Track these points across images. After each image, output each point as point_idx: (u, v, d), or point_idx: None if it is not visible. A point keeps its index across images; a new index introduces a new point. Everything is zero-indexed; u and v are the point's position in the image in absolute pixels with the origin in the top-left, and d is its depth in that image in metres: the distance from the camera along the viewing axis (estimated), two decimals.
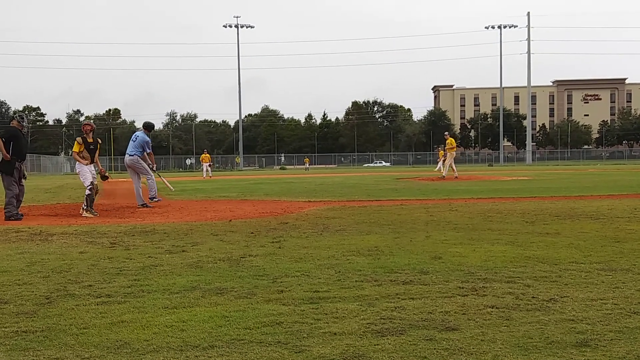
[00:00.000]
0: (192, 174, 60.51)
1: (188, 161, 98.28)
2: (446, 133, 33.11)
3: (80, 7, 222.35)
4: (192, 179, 39.35)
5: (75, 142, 12.51)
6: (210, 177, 42.34)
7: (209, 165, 45.16)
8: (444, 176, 28.67)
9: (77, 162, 12.37)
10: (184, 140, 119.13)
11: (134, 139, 14.75)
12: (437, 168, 44.98)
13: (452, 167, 28.73)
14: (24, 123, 11.82)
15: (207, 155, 45.68)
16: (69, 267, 6.06)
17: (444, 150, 31.33)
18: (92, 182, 12.19)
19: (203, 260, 6.35)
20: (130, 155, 14.59)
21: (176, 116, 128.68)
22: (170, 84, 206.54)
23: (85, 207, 11.98)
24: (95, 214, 11.94)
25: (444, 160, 34.80)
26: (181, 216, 11.54)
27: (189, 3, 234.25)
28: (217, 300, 4.56)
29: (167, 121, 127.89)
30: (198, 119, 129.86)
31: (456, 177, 28.52)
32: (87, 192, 12.13)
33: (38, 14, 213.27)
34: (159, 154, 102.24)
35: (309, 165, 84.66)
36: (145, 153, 14.70)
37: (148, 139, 14.83)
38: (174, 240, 7.99)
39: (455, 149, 29.22)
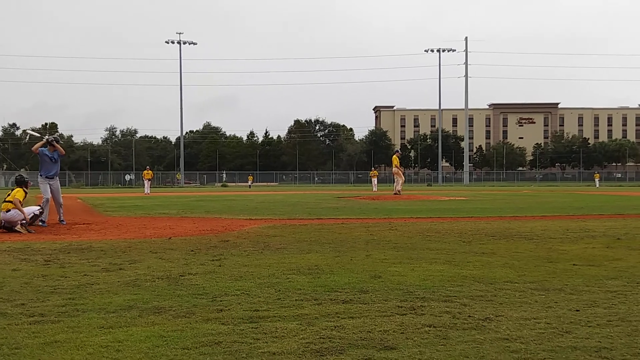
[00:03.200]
0: (131, 190, 59.43)
1: (127, 177, 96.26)
2: (396, 151, 34.21)
3: (32, 19, 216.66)
4: (131, 195, 38.65)
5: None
6: (147, 194, 41.83)
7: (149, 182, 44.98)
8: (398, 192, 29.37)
9: (12, 213, 11.88)
10: (124, 156, 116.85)
11: None
12: (374, 189, 45.61)
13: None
14: None
15: (150, 172, 45.71)
16: (1, 285, 5.87)
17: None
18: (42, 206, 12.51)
19: (141, 278, 6.24)
20: None
21: (116, 131, 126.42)
22: (112, 99, 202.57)
23: (24, 222, 11.75)
24: (32, 231, 11.67)
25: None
26: (119, 233, 11.32)
27: (134, 18, 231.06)
28: (154, 320, 4.49)
29: (106, 136, 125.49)
30: (138, 135, 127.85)
31: (395, 193, 29.27)
32: (37, 212, 12.36)
33: None
34: (97, 169, 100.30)
35: (252, 182, 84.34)
36: None
37: None
38: (111, 257, 7.82)
39: (394, 168, 30.11)
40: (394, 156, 30.78)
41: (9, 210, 11.85)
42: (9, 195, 12.21)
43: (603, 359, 3.60)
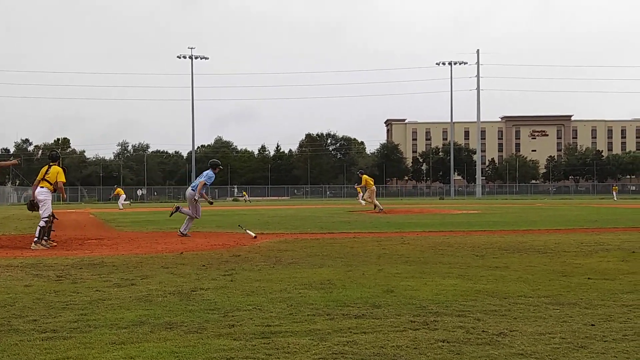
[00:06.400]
0: (143, 205, 59.64)
1: (139, 192, 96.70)
2: (360, 171, 32.56)
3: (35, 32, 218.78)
4: (143, 210, 38.77)
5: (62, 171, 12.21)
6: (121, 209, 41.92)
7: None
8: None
9: (43, 192, 11.95)
10: (136, 171, 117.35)
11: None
12: (359, 201, 45.33)
13: (374, 202, 28.50)
14: None
15: (119, 189, 46.91)
16: (13, 301, 5.88)
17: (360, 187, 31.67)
18: (51, 215, 11.99)
19: (153, 294, 6.23)
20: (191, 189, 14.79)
21: (128, 146, 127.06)
22: (125, 114, 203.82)
23: (37, 240, 11.64)
24: (49, 245, 11.66)
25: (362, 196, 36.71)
26: (131, 248, 11.34)
27: (150, 30, 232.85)
28: (166, 336, 4.48)
29: (118, 151, 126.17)
30: (150, 150, 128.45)
31: (381, 210, 27.80)
32: (43, 223, 11.81)
33: None
34: (109, 184, 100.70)
35: (248, 197, 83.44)
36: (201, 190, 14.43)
37: (209, 176, 14.57)
38: (123, 273, 7.83)
39: (372, 185, 29.43)
40: (364, 176, 29.88)
41: (43, 187, 11.91)
42: (47, 173, 12.04)
43: None
